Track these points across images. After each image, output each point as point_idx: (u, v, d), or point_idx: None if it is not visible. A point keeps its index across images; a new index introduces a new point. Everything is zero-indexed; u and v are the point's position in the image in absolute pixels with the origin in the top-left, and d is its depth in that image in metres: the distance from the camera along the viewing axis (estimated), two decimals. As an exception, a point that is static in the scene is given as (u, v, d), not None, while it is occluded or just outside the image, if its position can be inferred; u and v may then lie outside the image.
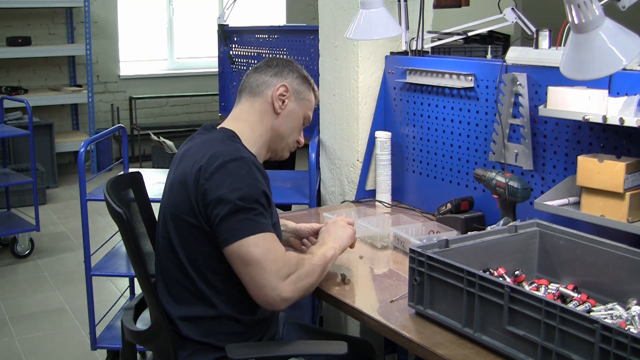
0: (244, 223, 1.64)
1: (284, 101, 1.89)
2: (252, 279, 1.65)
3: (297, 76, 1.93)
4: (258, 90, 1.90)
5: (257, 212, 1.66)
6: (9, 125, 4.97)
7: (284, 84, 1.90)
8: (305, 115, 1.96)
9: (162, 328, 1.69)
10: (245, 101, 1.91)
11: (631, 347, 1.22)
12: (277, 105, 1.88)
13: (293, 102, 1.91)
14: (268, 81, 1.90)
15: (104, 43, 7.17)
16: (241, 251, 1.64)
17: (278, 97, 1.88)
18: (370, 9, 2.32)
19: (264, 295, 1.65)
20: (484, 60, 2.38)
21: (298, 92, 1.92)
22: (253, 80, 1.92)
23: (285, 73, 1.92)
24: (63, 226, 5.26)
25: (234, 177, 1.65)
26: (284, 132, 1.91)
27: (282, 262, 1.66)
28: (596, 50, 1.48)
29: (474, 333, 1.52)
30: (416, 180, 2.61)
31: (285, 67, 1.93)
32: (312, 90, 1.97)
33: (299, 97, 1.92)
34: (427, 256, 1.61)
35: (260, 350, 1.72)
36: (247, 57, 4.13)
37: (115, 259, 3.13)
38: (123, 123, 6.68)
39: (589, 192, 1.82)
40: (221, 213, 1.64)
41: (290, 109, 1.91)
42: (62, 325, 3.62)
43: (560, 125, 2.03)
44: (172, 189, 1.76)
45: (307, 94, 1.95)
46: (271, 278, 1.64)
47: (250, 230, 1.64)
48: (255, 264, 1.63)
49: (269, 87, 1.89)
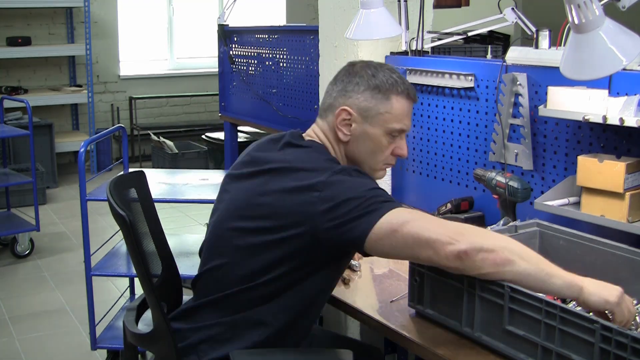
0: (369, 208, 1.49)
1: (350, 125, 1.68)
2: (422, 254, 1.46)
3: (365, 89, 1.68)
4: (325, 114, 1.72)
5: (377, 198, 1.51)
6: (9, 125, 4.97)
7: (345, 108, 1.67)
8: (388, 129, 1.69)
9: (164, 331, 1.68)
10: (319, 121, 1.75)
11: (631, 347, 1.22)
12: (341, 135, 1.69)
13: (363, 124, 1.68)
14: (332, 103, 1.70)
15: (104, 43, 7.17)
16: (386, 236, 1.47)
17: (340, 125, 1.68)
18: (370, 9, 2.32)
19: (444, 257, 1.44)
20: (484, 60, 2.38)
21: (366, 110, 1.67)
22: (325, 99, 1.73)
23: (350, 89, 1.68)
24: (63, 226, 5.26)
25: (344, 183, 1.54)
26: (360, 157, 1.72)
27: (437, 226, 1.47)
28: (596, 50, 1.48)
29: (474, 333, 1.52)
30: (416, 180, 2.61)
31: (351, 81, 1.69)
32: (391, 98, 1.68)
33: (369, 115, 1.68)
34: (427, 256, 1.61)
35: (265, 358, 1.66)
36: (247, 57, 4.13)
37: (115, 259, 3.13)
38: (123, 123, 6.69)
39: (589, 192, 1.82)
40: (339, 218, 1.50)
41: (361, 132, 1.69)
42: (62, 325, 3.62)
43: (560, 125, 2.03)
44: (265, 214, 1.59)
45: (383, 106, 1.68)
46: (440, 244, 1.43)
47: (379, 213, 1.48)
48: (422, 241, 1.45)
49: (332, 112, 1.70)
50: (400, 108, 1.70)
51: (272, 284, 1.61)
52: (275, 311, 1.63)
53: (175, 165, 6.16)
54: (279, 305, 1.62)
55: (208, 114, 7.76)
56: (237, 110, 4.32)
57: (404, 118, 1.71)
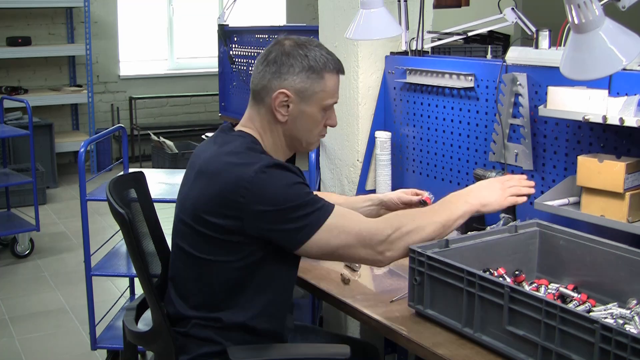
0: (303, 222, 1.60)
1: (287, 106, 1.72)
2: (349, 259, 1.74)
3: (300, 70, 1.70)
4: (259, 96, 1.74)
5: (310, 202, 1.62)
6: (9, 125, 4.97)
7: (282, 91, 1.70)
8: (323, 106, 1.75)
9: (163, 330, 1.69)
10: (253, 105, 1.78)
11: (631, 347, 1.22)
12: (279, 116, 1.72)
13: (299, 104, 1.72)
14: (267, 86, 1.72)
15: (104, 43, 7.17)
16: (321, 245, 1.63)
17: (278, 106, 1.72)
18: (370, 9, 2.32)
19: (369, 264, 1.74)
20: (484, 60, 2.38)
21: (302, 91, 1.71)
22: (255, 83, 1.76)
23: (285, 71, 1.70)
24: (63, 226, 5.26)
25: (273, 182, 1.60)
26: (299, 135, 1.77)
27: (368, 231, 1.65)
28: (596, 50, 1.48)
29: (474, 333, 1.52)
30: (416, 180, 2.61)
31: (285, 63, 1.71)
32: (324, 76, 1.72)
33: (305, 96, 1.72)
34: (427, 256, 1.61)
35: (262, 353, 1.69)
36: (247, 57, 4.13)
37: (115, 259, 3.13)
38: (123, 123, 6.68)
39: (589, 192, 1.82)
40: (273, 224, 1.60)
41: (298, 112, 1.73)
42: (62, 325, 3.62)
43: (560, 125, 2.03)
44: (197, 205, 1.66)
45: (317, 85, 1.72)
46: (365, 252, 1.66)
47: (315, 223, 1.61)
48: (342, 249, 1.65)
49: (268, 94, 1.72)
50: (332, 84, 1.76)
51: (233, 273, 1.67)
52: (249, 297, 1.69)
53: (175, 165, 6.16)
54: (252, 291, 1.69)
55: (208, 114, 7.76)
56: (237, 110, 4.32)
57: (336, 92, 1.78)
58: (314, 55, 1.73)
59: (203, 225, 1.65)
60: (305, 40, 1.77)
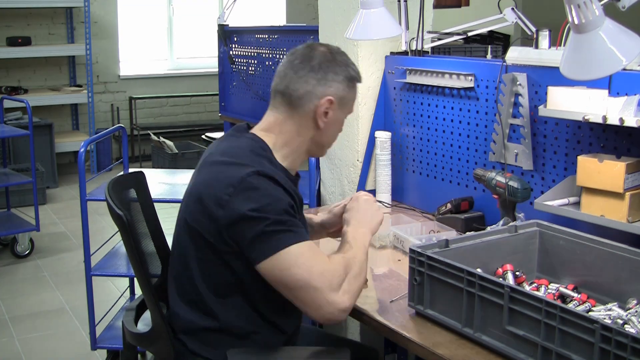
0: (275, 236, 1.53)
1: (327, 113, 1.69)
2: (303, 301, 1.56)
3: (344, 78, 1.70)
4: (299, 102, 1.68)
5: (290, 223, 1.56)
6: (9, 125, 4.97)
7: (330, 98, 1.67)
8: (348, 113, 1.79)
9: (162, 331, 1.68)
10: (283, 111, 1.70)
11: (631, 347, 1.22)
12: (320, 122, 1.69)
13: (337, 111, 1.71)
14: (311, 92, 1.67)
15: (104, 43, 7.17)
16: (282, 273, 1.54)
17: (323, 113, 1.69)
18: (370, 9, 2.32)
19: (322, 314, 1.56)
20: (484, 60, 2.38)
21: (343, 98, 1.71)
22: (293, 85, 1.68)
23: (330, 78, 1.68)
24: (63, 226, 5.26)
25: (257, 191, 1.55)
26: (326, 140, 1.77)
27: (330, 274, 1.56)
28: (596, 50, 1.48)
29: (474, 333, 1.52)
30: (416, 180, 2.61)
31: (330, 70, 1.68)
32: (356, 86, 1.75)
33: (343, 103, 1.72)
34: (427, 256, 1.61)
35: (260, 358, 1.68)
36: (247, 57, 4.13)
37: (115, 259, 3.13)
38: (123, 123, 6.69)
39: (589, 192, 1.82)
40: (252, 230, 1.53)
41: (334, 119, 1.72)
42: (62, 325, 3.62)
43: (560, 125, 2.03)
44: (190, 200, 1.66)
45: (352, 94, 1.74)
46: (325, 295, 1.54)
47: (283, 243, 1.53)
48: (302, 285, 1.53)
49: (311, 101, 1.67)
50: (356, 95, 1.79)
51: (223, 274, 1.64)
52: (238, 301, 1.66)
53: (175, 165, 6.16)
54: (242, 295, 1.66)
55: (208, 114, 7.76)
56: (237, 110, 4.32)
57: None
58: (352, 65, 1.75)
59: (193, 221, 1.64)
60: (335, 48, 1.77)
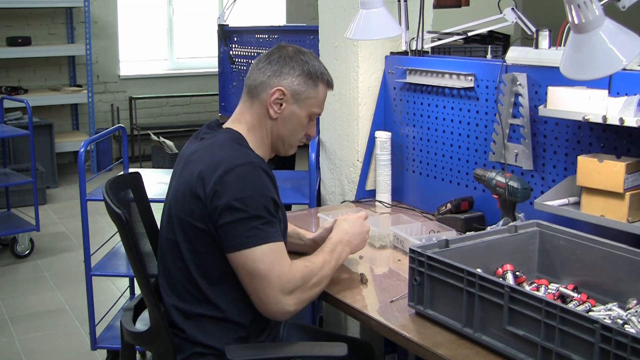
0: (251, 232, 1.63)
1: (281, 104, 1.81)
2: (256, 291, 1.67)
3: (300, 74, 1.81)
4: (255, 91, 1.82)
5: (265, 221, 1.65)
6: (9, 125, 4.97)
7: (280, 88, 1.79)
8: (310, 112, 1.86)
9: (161, 329, 1.69)
10: (246, 101, 1.85)
11: (631, 347, 1.22)
12: (272, 112, 1.81)
13: (292, 105, 1.82)
14: (265, 82, 1.81)
15: (104, 43, 7.17)
16: (247, 263, 1.64)
17: (273, 103, 1.80)
18: (370, 9, 2.32)
19: (267, 308, 1.68)
20: (484, 60, 2.38)
21: (298, 92, 1.82)
22: (252, 79, 1.83)
23: (286, 72, 1.80)
24: (63, 226, 5.26)
25: (242, 183, 1.64)
26: (284, 135, 1.85)
27: (287, 278, 1.66)
28: (596, 50, 1.48)
29: (474, 333, 1.52)
30: (416, 180, 2.61)
31: (287, 64, 1.81)
32: (319, 85, 1.84)
33: (299, 98, 1.82)
34: (427, 256, 1.61)
35: (259, 352, 1.71)
36: (247, 57, 4.13)
37: (115, 259, 3.13)
38: (123, 123, 6.68)
39: (589, 192, 1.82)
40: (228, 220, 1.63)
41: (290, 112, 1.83)
42: (62, 325, 3.62)
43: (560, 125, 2.03)
44: (178, 193, 1.73)
45: (312, 92, 1.83)
46: (275, 294, 1.65)
47: (257, 240, 1.63)
48: (260, 278, 1.64)
49: (265, 90, 1.81)
50: (323, 95, 1.88)
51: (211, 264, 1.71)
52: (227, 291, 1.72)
53: (175, 165, 6.15)
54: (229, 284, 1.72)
55: (208, 114, 7.75)
56: (237, 110, 4.32)
57: (323, 104, 1.90)
58: (314, 64, 1.85)
59: (183, 213, 1.69)
60: (306, 50, 1.88)
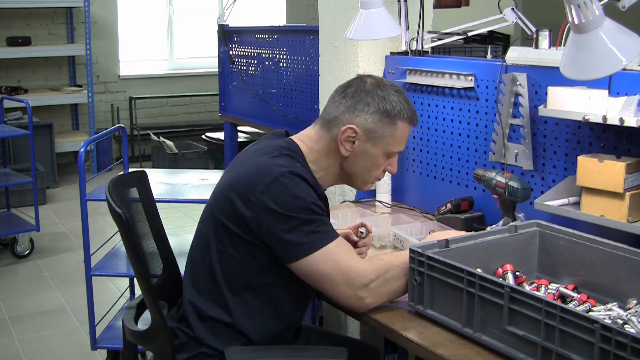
0: (310, 236, 1.59)
1: (353, 142, 1.72)
2: (327, 292, 1.64)
3: (374, 111, 1.71)
4: (329, 126, 1.74)
5: (319, 222, 1.61)
6: (9, 125, 4.97)
7: (352, 126, 1.70)
8: (387, 151, 1.76)
9: (160, 329, 1.69)
10: (318, 130, 1.77)
11: (631, 347, 1.22)
12: (342, 150, 1.73)
13: (365, 144, 1.73)
14: (339, 117, 1.72)
15: (104, 43, 7.17)
16: (312, 269, 1.61)
17: (344, 140, 1.72)
18: (370, 9, 2.32)
19: (344, 304, 1.65)
20: (484, 60, 2.38)
21: (372, 131, 1.72)
22: (328, 109, 1.76)
23: (360, 108, 1.71)
24: (63, 226, 5.26)
25: (287, 189, 1.60)
26: (355, 173, 1.78)
27: (356, 273, 1.62)
28: (596, 50, 1.49)
29: (474, 333, 1.52)
30: (416, 180, 2.61)
31: (362, 100, 1.72)
32: (396, 123, 1.73)
33: (373, 137, 1.72)
34: (427, 256, 1.61)
35: (259, 355, 1.69)
36: (247, 57, 4.13)
37: (115, 259, 3.13)
38: (123, 123, 6.68)
39: (589, 192, 1.82)
40: (282, 229, 1.59)
41: (362, 150, 1.74)
42: (62, 325, 3.62)
43: (560, 125, 2.03)
44: (221, 191, 1.69)
45: (388, 130, 1.73)
46: (346, 290, 1.62)
47: (315, 245, 1.59)
48: (327, 279, 1.61)
49: (337, 125, 1.72)
50: (402, 133, 1.76)
51: (237, 270, 1.67)
52: (247, 302, 1.68)
53: (175, 165, 6.16)
54: (251, 296, 1.68)
55: (208, 114, 7.76)
56: (237, 110, 4.32)
57: (403, 141, 1.79)
58: (392, 99, 1.73)
59: (220, 213, 1.66)
60: (387, 82, 1.78)
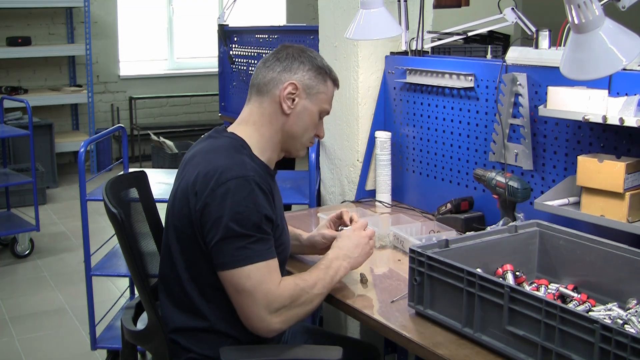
0: (240, 252, 1.59)
1: (293, 99, 1.76)
2: (241, 308, 1.63)
3: (310, 68, 1.78)
4: (266, 89, 1.77)
5: (255, 239, 1.60)
6: (9, 125, 4.98)
7: (293, 82, 1.75)
8: (322, 109, 1.82)
9: (157, 329, 1.69)
10: (254, 101, 1.80)
11: (631, 347, 1.22)
12: (285, 106, 1.75)
13: (304, 100, 1.77)
14: (276, 78, 1.76)
15: (104, 43, 7.17)
16: (233, 281, 1.61)
17: (286, 97, 1.75)
18: (370, 9, 2.32)
19: (252, 325, 1.64)
20: (484, 60, 2.38)
21: (310, 87, 1.78)
22: (261, 77, 1.79)
23: (295, 67, 1.77)
24: (63, 226, 5.26)
25: (233, 198, 1.59)
26: (297, 132, 1.80)
27: (273, 296, 1.62)
28: (596, 50, 1.48)
29: (474, 333, 1.52)
30: (416, 180, 2.61)
31: (296, 60, 1.78)
32: (327, 81, 1.81)
33: (311, 93, 1.78)
34: (427, 256, 1.61)
35: (253, 355, 1.69)
36: (247, 57, 4.13)
37: (115, 259, 3.13)
38: (123, 123, 6.68)
39: (589, 192, 1.82)
40: (217, 236, 1.59)
41: (302, 107, 1.78)
42: (62, 325, 3.62)
43: (560, 125, 2.03)
44: (175, 199, 1.71)
45: (322, 87, 1.80)
46: (260, 311, 1.61)
47: (245, 260, 1.59)
48: (246, 295, 1.61)
49: (276, 86, 1.76)
50: (331, 91, 1.84)
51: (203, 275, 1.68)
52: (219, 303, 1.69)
53: (175, 165, 6.15)
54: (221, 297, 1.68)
55: (208, 114, 7.76)
56: (237, 110, 4.28)
57: (331, 101, 1.86)
58: (321, 59, 1.83)
59: (178, 220, 1.68)
60: (311, 49, 1.86)
